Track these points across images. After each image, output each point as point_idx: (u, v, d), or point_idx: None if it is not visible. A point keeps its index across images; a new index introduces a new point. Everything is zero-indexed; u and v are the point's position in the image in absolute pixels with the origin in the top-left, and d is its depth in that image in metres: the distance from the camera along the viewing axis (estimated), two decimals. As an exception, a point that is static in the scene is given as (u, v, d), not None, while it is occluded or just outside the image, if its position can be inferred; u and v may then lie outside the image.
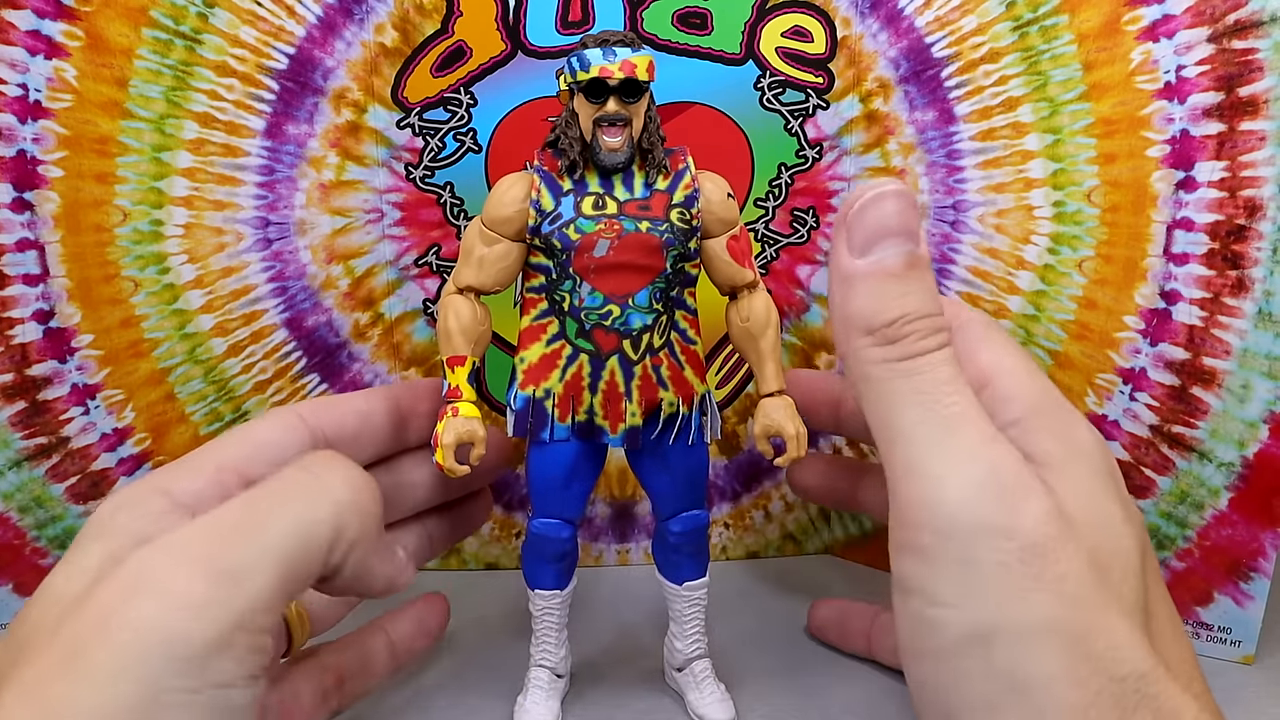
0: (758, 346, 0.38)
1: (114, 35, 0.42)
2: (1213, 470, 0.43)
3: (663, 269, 0.36)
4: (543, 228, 0.35)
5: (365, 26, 0.45)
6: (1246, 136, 0.40)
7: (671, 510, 0.39)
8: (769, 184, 0.48)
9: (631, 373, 0.36)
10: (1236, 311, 0.42)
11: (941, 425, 0.28)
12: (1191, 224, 0.42)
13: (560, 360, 0.36)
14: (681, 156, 0.37)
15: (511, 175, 0.37)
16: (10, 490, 0.44)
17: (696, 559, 0.39)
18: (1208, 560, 0.44)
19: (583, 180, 0.36)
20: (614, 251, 0.35)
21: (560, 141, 0.36)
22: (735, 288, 0.38)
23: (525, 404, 0.37)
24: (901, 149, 0.47)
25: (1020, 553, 0.26)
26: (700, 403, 0.38)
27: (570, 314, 0.36)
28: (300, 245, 0.46)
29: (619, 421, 0.37)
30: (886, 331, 0.28)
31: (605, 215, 0.35)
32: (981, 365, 0.31)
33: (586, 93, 0.35)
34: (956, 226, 0.47)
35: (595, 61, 0.34)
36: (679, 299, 0.37)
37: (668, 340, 0.37)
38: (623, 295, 0.35)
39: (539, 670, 0.39)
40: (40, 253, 0.43)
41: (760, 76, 0.47)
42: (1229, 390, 0.42)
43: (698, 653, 0.40)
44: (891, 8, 0.46)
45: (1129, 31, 0.42)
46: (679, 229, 0.36)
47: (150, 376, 0.46)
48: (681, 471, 0.38)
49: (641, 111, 0.35)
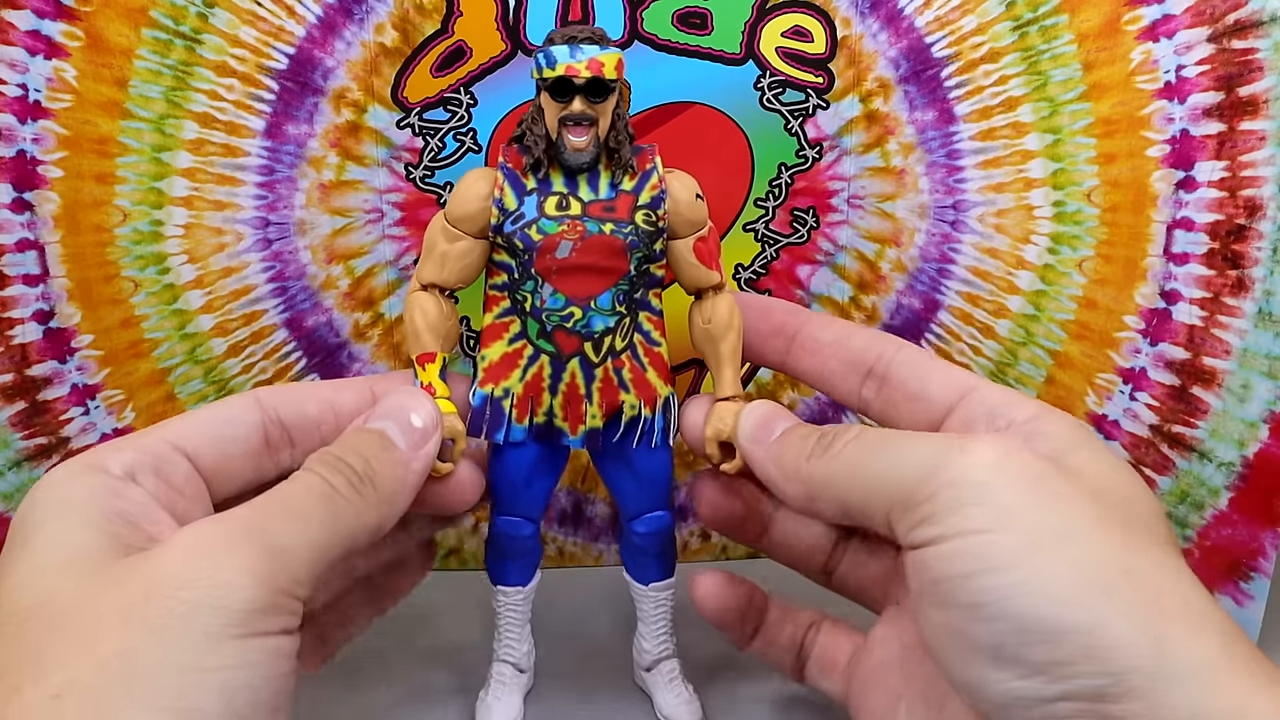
0: (717, 349, 0.37)
1: (114, 35, 0.42)
2: (1213, 470, 0.43)
3: (626, 271, 0.35)
4: (505, 226, 0.35)
5: (365, 26, 0.45)
6: (1246, 136, 0.40)
7: (635, 511, 0.38)
8: (769, 184, 0.48)
9: (593, 375, 0.36)
10: (1236, 311, 0.42)
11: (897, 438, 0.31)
12: (1191, 224, 0.42)
13: (521, 360, 0.36)
14: (650, 156, 0.36)
15: (476, 171, 0.36)
16: (10, 490, 0.44)
17: (662, 559, 0.39)
18: (1208, 560, 0.44)
19: (547, 179, 0.35)
20: (576, 253, 0.34)
21: (526, 138, 0.35)
22: (701, 289, 0.37)
23: (483, 402, 0.36)
24: (901, 149, 0.47)
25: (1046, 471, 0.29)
26: (664, 405, 0.37)
27: (532, 314, 0.35)
28: (300, 245, 0.46)
29: (579, 423, 0.36)
30: (818, 452, 0.33)
31: (568, 216, 0.35)
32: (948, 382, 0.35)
33: (552, 91, 0.34)
34: (956, 226, 0.47)
35: (561, 59, 0.33)
36: (643, 300, 0.37)
37: (630, 343, 0.36)
38: (585, 297, 0.35)
39: (501, 665, 0.39)
40: (40, 253, 0.43)
41: (760, 76, 0.47)
42: (1229, 390, 0.42)
43: (665, 653, 0.40)
44: (891, 8, 0.46)
45: (1129, 31, 0.42)
46: (644, 231, 0.35)
47: (150, 377, 0.46)
48: (645, 473, 0.38)
49: (609, 110, 0.34)
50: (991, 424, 0.33)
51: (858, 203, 0.48)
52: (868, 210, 0.48)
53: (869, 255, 0.49)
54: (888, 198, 0.48)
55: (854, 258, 0.49)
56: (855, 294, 0.50)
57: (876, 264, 0.49)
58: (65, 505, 0.29)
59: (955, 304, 0.48)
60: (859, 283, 0.49)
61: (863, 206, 0.48)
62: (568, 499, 0.52)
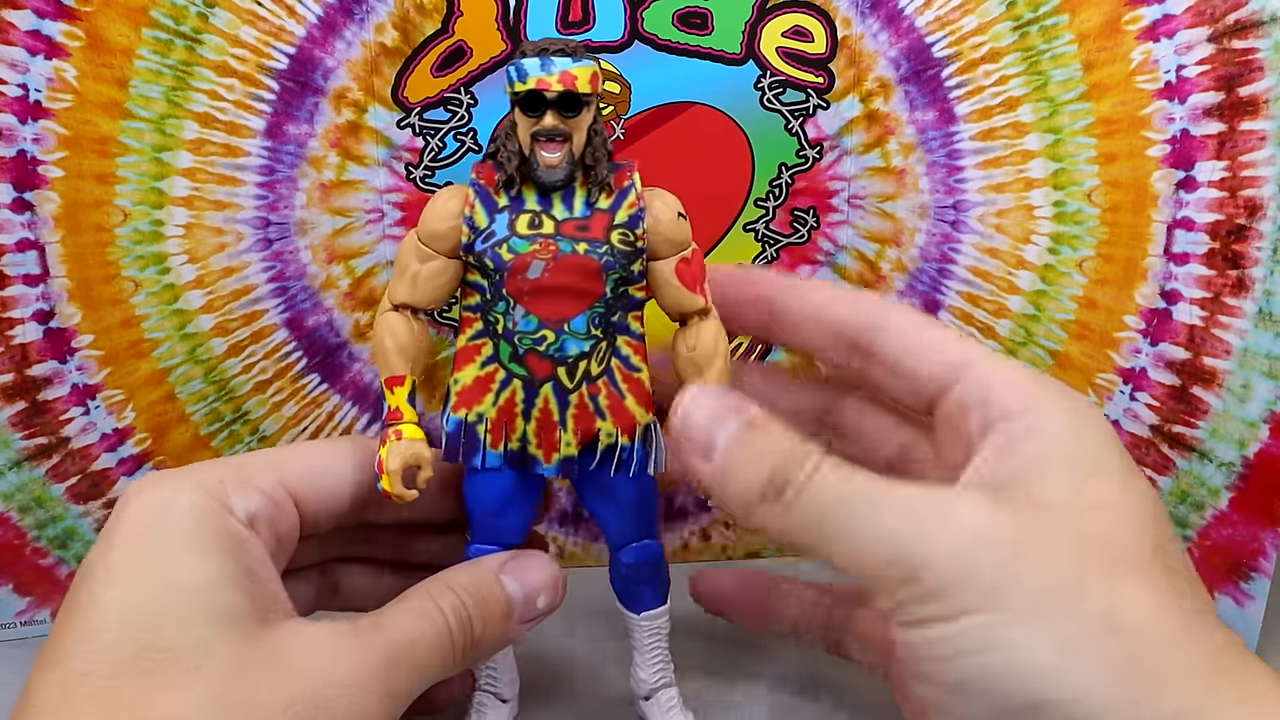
0: (703, 379, 0.35)
1: (114, 35, 0.42)
2: (1213, 470, 0.43)
3: (602, 293, 0.34)
4: (476, 245, 0.34)
5: (365, 26, 0.45)
6: (1247, 136, 0.40)
7: (621, 541, 0.37)
8: (769, 184, 0.48)
9: (566, 401, 0.34)
10: (1237, 311, 0.42)
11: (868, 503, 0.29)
12: (1192, 224, 0.42)
13: (494, 384, 0.35)
14: (628, 173, 0.35)
15: (448, 189, 0.35)
16: (10, 490, 0.44)
17: (654, 587, 0.38)
18: (1208, 560, 0.44)
19: (520, 197, 0.34)
20: (549, 274, 0.33)
21: (499, 154, 0.34)
22: (685, 314, 0.36)
23: (457, 427, 0.35)
24: (902, 149, 0.47)
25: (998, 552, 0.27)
26: (643, 434, 0.36)
27: (504, 337, 0.34)
28: (300, 245, 0.46)
29: (553, 451, 0.35)
30: (770, 496, 0.29)
31: (541, 235, 0.33)
32: (940, 358, 0.32)
33: (523, 105, 0.33)
34: (956, 226, 0.47)
35: (532, 72, 0.32)
36: (622, 324, 0.35)
37: (607, 368, 0.35)
38: (558, 320, 0.33)
39: (482, 695, 0.38)
40: (40, 253, 0.43)
41: (760, 76, 0.47)
42: (1229, 390, 0.42)
43: (663, 681, 0.39)
44: (892, 8, 0.46)
45: (1129, 31, 0.42)
46: (620, 251, 0.34)
47: (150, 377, 0.46)
48: (627, 503, 0.36)
49: (584, 125, 0.33)
50: (985, 417, 0.31)
51: (858, 203, 0.48)
52: (868, 210, 0.48)
53: (869, 255, 0.49)
54: (888, 198, 0.48)
55: (854, 258, 0.49)
56: (855, 294, 0.50)
57: (877, 264, 0.49)
58: (195, 545, 0.29)
59: (955, 304, 0.48)
60: (859, 283, 0.49)
61: (863, 206, 0.48)
62: (568, 499, 0.52)
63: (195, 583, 0.28)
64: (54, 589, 0.46)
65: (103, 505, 0.46)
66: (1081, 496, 0.29)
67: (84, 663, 0.26)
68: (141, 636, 0.27)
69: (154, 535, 0.29)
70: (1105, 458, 0.30)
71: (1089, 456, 0.30)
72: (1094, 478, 0.30)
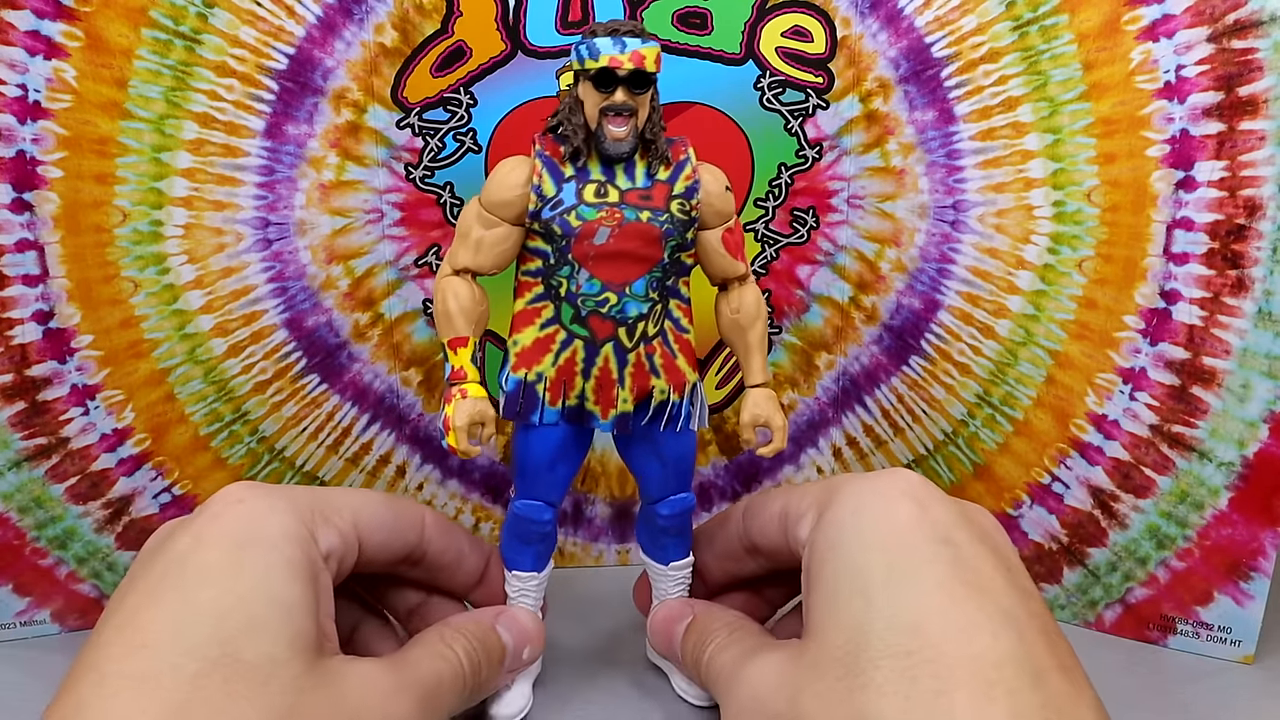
0: (746, 338, 0.39)
1: (113, 35, 0.42)
2: (1213, 470, 0.43)
3: (660, 259, 0.36)
4: (543, 213, 0.36)
5: (365, 26, 0.45)
6: (1246, 136, 0.40)
7: (660, 494, 0.39)
8: (769, 184, 0.48)
9: (625, 360, 0.37)
10: (1236, 311, 0.42)
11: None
12: (1191, 223, 0.42)
13: (554, 345, 0.37)
14: (683, 147, 0.37)
15: (513, 159, 0.37)
16: (10, 490, 0.44)
17: (682, 539, 0.41)
18: (1208, 560, 0.44)
19: (585, 168, 0.36)
20: (614, 240, 0.35)
21: (563, 128, 0.36)
22: (727, 279, 0.39)
23: (517, 386, 0.37)
24: (901, 149, 0.47)
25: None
26: (691, 391, 0.38)
27: (567, 300, 0.36)
28: (300, 245, 0.46)
29: (610, 407, 0.37)
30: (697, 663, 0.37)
31: (607, 203, 0.35)
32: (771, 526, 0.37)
33: (595, 81, 0.35)
34: (956, 226, 0.47)
35: (605, 51, 0.34)
36: (674, 288, 0.38)
37: (661, 329, 0.37)
38: (620, 283, 0.36)
39: None
40: (40, 253, 0.43)
41: (760, 76, 0.47)
42: (1229, 390, 0.42)
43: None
44: (891, 7, 0.46)
45: (1129, 31, 0.42)
46: (678, 220, 0.36)
47: (150, 377, 0.46)
48: (671, 457, 0.39)
49: (647, 102, 0.36)
50: (796, 535, 0.36)
51: (858, 203, 0.48)
52: (868, 210, 0.48)
53: (869, 255, 0.49)
54: (888, 198, 0.48)
55: (854, 258, 0.49)
56: (855, 294, 0.50)
57: (876, 264, 0.49)
58: (290, 566, 0.31)
59: (955, 304, 0.48)
60: (859, 283, 0.49)
61: (863, 206, 0.48)
62: (568, 499, 0.52)
63: (286, 601, 0.30)
64: (53, 589, 0.46)
65: (102, 505, 0.46)
66: (827, 612, 0.31)
67: (172, 654, 0.28)
68: (231, 642, 0.28)
69: (253, 546, 0.31)
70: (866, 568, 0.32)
71: (846, 575, 0.32)
72: (829, 604, 0.32)
